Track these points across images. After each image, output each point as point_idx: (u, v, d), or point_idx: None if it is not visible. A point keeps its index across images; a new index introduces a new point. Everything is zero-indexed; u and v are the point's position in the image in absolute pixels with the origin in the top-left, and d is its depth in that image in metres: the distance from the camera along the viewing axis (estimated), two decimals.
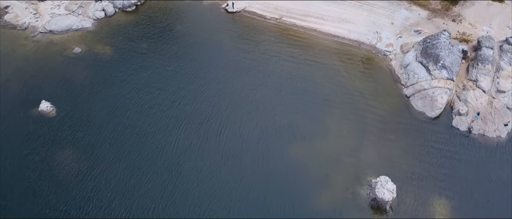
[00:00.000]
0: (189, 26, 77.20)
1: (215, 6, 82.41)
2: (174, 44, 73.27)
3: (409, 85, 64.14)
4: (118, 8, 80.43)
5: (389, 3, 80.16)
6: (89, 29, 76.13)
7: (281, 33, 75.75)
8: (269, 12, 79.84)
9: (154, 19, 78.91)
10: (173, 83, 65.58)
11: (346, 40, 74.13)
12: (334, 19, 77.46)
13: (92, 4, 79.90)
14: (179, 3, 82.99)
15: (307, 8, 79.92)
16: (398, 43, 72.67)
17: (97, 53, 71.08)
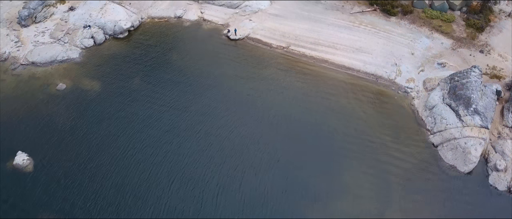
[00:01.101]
0: (187, 57, 67.92)
1: (216, 31, 73.13)
2: (169, 79, 64.04)
3: (436, 132, 54.86)
4: (109, 35, 71.19)
5: (408, 29, 70.74)
6: (76, 60, 66.90)
7: (289, 65, 66.46)
8: (275, 40, 70.52)
9: (148, 48, 69.65)
10: (165, 131, 56.41)
11: (361, 74, 64.79)
12: (348, 49, 68.09)
13: (80, 31, 70.65)
14: (177, 28, 73.74)
15: (317, 35, 70.55)
16: (420, 78, 63.31)
17: (83, 90, 61.91)
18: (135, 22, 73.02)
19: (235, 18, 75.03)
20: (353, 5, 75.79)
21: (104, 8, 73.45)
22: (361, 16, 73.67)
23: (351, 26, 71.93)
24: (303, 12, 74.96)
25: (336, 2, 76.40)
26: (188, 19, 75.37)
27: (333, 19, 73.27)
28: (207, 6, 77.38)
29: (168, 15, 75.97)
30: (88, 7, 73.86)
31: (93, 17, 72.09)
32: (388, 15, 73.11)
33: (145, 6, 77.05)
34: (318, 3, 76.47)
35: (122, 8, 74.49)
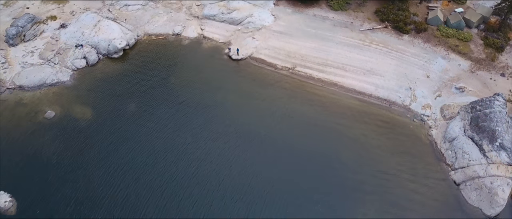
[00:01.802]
0: (186, 79, 62.39)
1: (217, 50, 67.59)
2: (166, 105, 58.53)
3: (458, 168, 49.42)
4: (103, 54, 65.65)
5: (422, 49, 65.16)
6: (67, 83, 61.37)
7: (295, 88, 60.97)
8: (280, 60, 64.96)
9: (145, 69, 64.11)
10: (160, 164, 51.05)
11: (373, 99, 59.27)
12: (358, 70, 62.56)
13: (71, 50, 65.09)
14: (175, 47, 68.20)
15: (325, 55, 64.99)
16: (437, 104, 57.81)
17: (74, 118, 56.44)
18: (130, 40, 67.46)
19: (237, 35, 69.50)
20: (363, 21, 70.22)
21: (97, 25, 67.87)
22: (372, 34, 68.10)
23: (361, 45, 66.36)
24: (309, 29, 69.41)
25: (344, 18, 70.85)
26: (187, 36, 69.86)
27: (341, 37, 67.72)
28: (207, 23, 71.84)
29: (166, 32, 70.46)
30: (80, 24, 68.30)
31: (85, 36, 66.54)
32: (401, 33, 67.55)
33: (142, 22, 71.53)
34: (326, 20, 70.91)
35: (117, 24, 68.93)
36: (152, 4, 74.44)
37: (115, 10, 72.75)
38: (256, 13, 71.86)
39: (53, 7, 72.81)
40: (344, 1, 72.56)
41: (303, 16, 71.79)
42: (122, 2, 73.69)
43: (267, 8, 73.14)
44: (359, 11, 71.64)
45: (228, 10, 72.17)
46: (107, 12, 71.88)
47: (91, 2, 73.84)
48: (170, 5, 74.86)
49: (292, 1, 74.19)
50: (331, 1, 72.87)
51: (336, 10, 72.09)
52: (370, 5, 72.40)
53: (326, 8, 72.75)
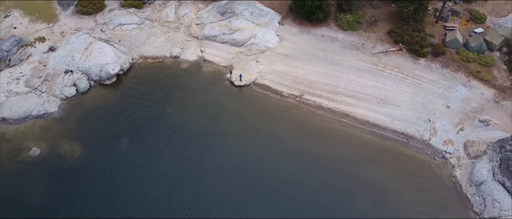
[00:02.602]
0: (184, 109, 56.54)
1: (218, 75, 61.66)
2: (162, 140, 52.67)
3: (487, 218, 43.45)
4: (94, 81, 59.72)
5: (440, 75, 59.18)
6: (54, 115, 55.48)
7: (303, 120, 55.08)
8: (286, 87, 58.99)
9: (140, 97, 58.20)
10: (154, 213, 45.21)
11: (389, 133, 53.36)
12: (371, 99, 56.61)
13: (60, 77, 59.15)
14: (173, 71, 62.29)
15: (335, 81, 59.03)
16: (460, 139, 51.89)
17: (60, 157, 50.61)
18: (125, 64, 61.51)
19: (240, 58, 63.50)
20: (375, 43, 64.17)
21: (89, 49, 61.91)
22: (385, 57, 62.10)
23: (374, 69, 60.37)
24: (317, 51, 63.40)
25: (355, 39, 64.81)
26: (186, 59, 63.91)
27: (352, 61, 61.72)
28: (207, 44, 65.83)
29: (163, 55, 64.49)
30: (70, 47, 62.32)
31: (76, 60, 60.57)
32: (417, 56, 61.56)
33: (137, 43, 65.55)
34: (335, 41, 64.89)
35: (110, 47, 62.94)
36: (149, 23, 68.46)
37: (108, 30, 66.77)
38: (260, 34, 65.87)
39: (42, 27, 66.86)
40: (355, 20, 66.44)
41: (311, 36, 65.77)
42: (116, 21, 67.69)
43: (271, 28, 67.13)
44: (371, 31, 65.61)
45: (230, 30, 66.18)
46: (99, 33, 65.90)
47: (83, 21, 67.90)
48: (167, 24, 68.88)
49: (298, 20, 68.18)
50: (340, 21, 66.82)
51: (346, 30, 66.08)
52: (383, 25, 66.36)
53: (335, 28, 66.71)
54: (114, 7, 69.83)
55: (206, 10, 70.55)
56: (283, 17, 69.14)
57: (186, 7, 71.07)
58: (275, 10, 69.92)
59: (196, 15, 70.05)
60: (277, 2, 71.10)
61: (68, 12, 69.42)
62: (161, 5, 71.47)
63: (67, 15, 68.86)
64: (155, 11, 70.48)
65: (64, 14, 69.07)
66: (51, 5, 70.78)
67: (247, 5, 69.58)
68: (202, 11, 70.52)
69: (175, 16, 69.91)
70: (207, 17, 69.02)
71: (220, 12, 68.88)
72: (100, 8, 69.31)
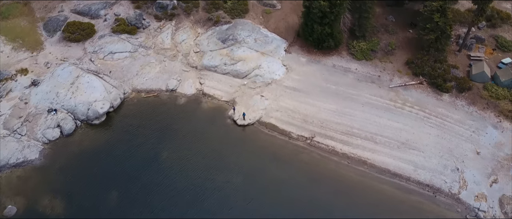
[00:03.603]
0: (181, 153, 49.74)
1: (219, 112, 54.73)
2: (155, 193, 45.85)
3: None
4: (81, 120, 52.72)
5: (467, 114, 52.29)
6: (35, 162, 48.58)
7: (315, 167, 48.29)
8: (295, 126, 52.07)
9: (132, 140, 51.25)
10: None
11: (413, 184, 46.52)
12: (391, 143, 49.72)
13: (43, 117, 52.16)
14: (169, 108, 55.37)
15: (349, 120, 52.12)
16: (494, 193, 45.07)
17: (40, 215, 43.61)
18: (115, 100, 54.56)
19: (243, 92, 56.55)
20: (392, 75, 57.22)
21: (75, 83, 54.92)
22: (404, 92, 55.17)
23: (392, 107, 53.45)
24: (329, 84, 56.47)
25: (370, 71, 57.87)
26: (184, 93, 56.96)
27: (368, 96, 54.80)
28: (207, 75, 58.85)
29: (158, 88, 57.52)
30: (55, 81, 55.32)
31: (61, 97, 53.60)
32: (439, 92, 54.66)
33: (130, 74, 58.56)
34: (347, 72, 57.95)
35: (100, 80, 55.96)
36: (143, 51, 61.39)
37: (98, 59, 59.73)
38: (264, 64, 58.87)
39: (25, 56, 59.81)
40: (369, 48, 59.44)
41: (321, 67, 58.79)
42: (106, 49, 60.66)
43: (277, 57, 60.12)
44: (387, 61, 58.63)
45: (232, 60, 59.15)
46: (88, 63, 58.87)
47: (70, 49, 60.88)
48: (163, 51, 61.83)
49: (307, 48, 61.17)
50: (353, 49, 59.81)
51: (360, 59, 59.09)
52: (400, 54, 59.39)
53: (347, 57, 59.72)
54: (104, 33, 62.79)
55: (205, 35, 63.53)
56: (290, 44, 62.16)
57: (184, 32, 64.04)
58: (281, 36, 62.94)
59: (195, 42, 63.04)
60: (283, 27, 64.15)
61: (54, 38, 62.39)
62: (157, 29, 64.43)
63: (53, 42, 61.81)
64: (149, 37, 63.44)
65: (50, 41, 62.01)
66: (36, 30, 63.72)
67: (251, 30, 62.58)
68: (202, 37, 63.49)
69: (172, 43, 62.89)
70: (207, 44, 62.00)
71: (221, 39, 61.86)
72: (90, 35, 62.27)
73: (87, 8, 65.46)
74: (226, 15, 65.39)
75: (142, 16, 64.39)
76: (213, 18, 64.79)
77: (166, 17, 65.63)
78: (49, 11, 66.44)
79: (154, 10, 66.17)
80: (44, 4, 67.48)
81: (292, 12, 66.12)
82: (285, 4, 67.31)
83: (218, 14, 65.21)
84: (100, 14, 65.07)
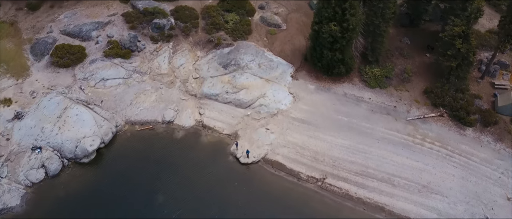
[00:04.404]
0: (178, 197, 44.26)
1: (220, 147, 49.30)
2: None
3: None
4: (69, 159, 47.22)
5: (494, 151, 46.92)
6: (16, 210, 43.18)
7: (326, 215, 42.60)
8: (304, 165, 46.62)
9: (124, 181, 45.79)
10: None
11: None
12: (411, 186, 44.28)
13: (26, 156, 46.63)
14: (166, 143, 49.93)
15: (364, 159, 46.68)
16: None
17: None
18: (107, 135, 49.06)
19: (246, 123, 51.09)
20: (410, 105, 51.71)
21: (63, 117, 49.42)
22: (423, 125, 49.70)
23: (410, 143, 47.98)
24: (340, 116, 50.99)
25: (384, 100, 52.43)
26: (182, 125, 51.48)
27: (383, 130, 49.35)
28: (207, 104, 53.36)
29: (153, 119, 52.02)
30: (41, 114, 49.80)
31: (46, 133, 48.08)
32: (462, 125, 49.23)
33: (123, 104, 53.05)
34: (360, 102, 52.47)
35: (90, 112, 50.47)
36: (137, 77, 55.87)
37: (88, 87, 54.24)
38: (269, 92, 53.39)
39: (9, 83, 54.30)
40: (383, 75, 53.93)
41: (331, 95, 53.30)
42: (98, 76, 55.14)
43: (283, 84, 54.63)
44: (403, 90, 53.15)
45: (234, 88, 53.65)
46: (77, 92, 53.36)
47: (59, 76, 55.38)
48: (160, 77, 56.32)
49: (315, 73, 55.73)
50: (365, 75, 54.32)
51: (373, 87, 53.59)
52: (417, 81, 53.93)
53: (359, 84, 54.23)
54: (96, 57, 57.23)
55: (205, 59, 57.99)
56: (297, 69, 56.66)
57: (182, 56, 58.49)
58: (287, 60, 57.44)
59: (194, 66, 57.53)
60: (289, 49, 58.64)
61: (42, 63, 56.85)
62: (153, 52, 58.87)
63: (41, 68, 56.25)
64: (145, 61, 57.88)
65: (37, 66, 56.46)
66: (22, 53, 58.17)
67: (254, 54, 57.05)
68: (201, 61, 57.98)
69: (169, 68, 57.37)
70: (207, 70, 56.47)
71: (222, 64, 56.33)
72: (80, 59, 56.72)
73: (77, 29, 59.88)
74: (228, 36, 59.86)
75: (137, 38, 58.84)
76: (214, 40, 59.26)
77: (163, 39, 60.07)
78: (37, 32, 60.91)
79: (150, 30, 60.59)
80: (32, 24, 61.99)
81: (298, 33, 60.63)
82: (291, 24, 61.83)
83: (219, 36, 59.67)
84: (92, 36, 59.50)
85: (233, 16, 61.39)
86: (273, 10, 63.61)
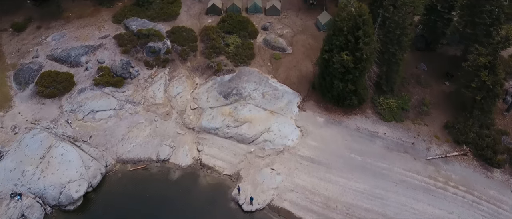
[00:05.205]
0: None
1: (220, 191, 44.08)
2: None
3: None
4: (52, 206, 41.79)
5: None
6: None
7: None
8: (315, 213, 41.53)
9: None
10: None
11: None
12: None
13: (4, 204, 41.27)
14: (160, 185, 44.65)
15: (382, 206, 41.44)
16: None
17: None
18: (95, 178, 43.82)
19: (249, 161, 45.73)
20: (429, 141, 46.30)
21: (46, 157, 44.01)
22: (445, 166, 44.32)
23: (432, 186, 42.62)
24: (353, 154, 45.57)
25: (401, 136, 47.07)
26: (178, 164, 46.13)
27: (401, 172, 43.95)
28: (206, 139, 47.94)
29: (147, 157, 46.65)
30: (22, 154, 44.36)
31: (27, 177, 42.69)
32: (489, 166, 43.83)
33: (113, 140, 47.63)
34: (375, 137, 47.05)
35: (77, 151, 45.10)
36: (130, 108, 50.46)
37: (76, 120, 48.80)
38: (274, 126, 47.97)
39: None
40: (398, 107, 48.50)
41: (342, 130, 47.85)
42: (87, 107, 49.72)
43: (289, 116, 49.20)
44: (422, 124, 47.75)
45: (236, 122, 48.20)
46: (64, 126, 47.95)
47: (44, 108, 50.04)
48: (155, 108, 50.91)
49: (324, 104, 50.39)
50: (379, 106, 48.90)
51: (388, 120, 48.18)
52: (436, 114, 48.53)
53: (373, 117, 48.81)
54: (85, 85, 51.80)
55: (205, 87, 52.58)
56: (304, 99, 51.28)
57: (179, 83, 53.07)
58: (293, 88, 52.04)
59: (192, 95, 52.10)
60: (295, 76, 53.35)
61: (26, 93, 51.42)
62: (147, 80, 53.44)
63: (24, 98, 50.81)
64: (138, 89, 52.45)
65: (20, 96, 51.04)
66: (5, 81, 52.78)
67: (257, 82, 51.64)
68: (200, 89, 52.55)
69: (165, 97, 51.95)
70: (206, 99, 51.04)
71: (222, 94, 50.89)
72: (67, 88, 51.31)
73: (65, 54, 54.44)
74: (229, 61, 54.46)
75: (129, 64, 53.42)
76: (214, 65, 53.87)
77: (158, 64, 54.66)
78: (22, 56, 55.51)
79: (145, 55, 55.16)
80: (17, 47, 56.60)
81: (305, 57, 55.24)
82: (297, 47, 56.44)
83: (219, 61, 54.27)
84: (81, 61, 54.07)
85: (234, 39, 55.96)
86: (277, 32, 58.14)
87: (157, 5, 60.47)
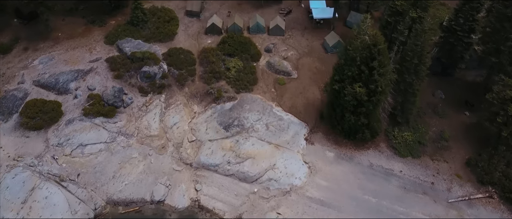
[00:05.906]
0: None
1: None
2: None
3: None
4: None
5: None
6: None
7: None
8: None
9: None
10: None
11: None
12: None
13: None
14: None
15: None
16: None
17: None
18: None
19: (252, 204, 41.15)
20: (450, 181, 41.61)
21: (29, 201, 39.54)
22: (469, 210, 39.77)
23: None
24: (366, 196, 40.96)
25: (419, 174, 42.53)
26: (174, 206, 41.67)
27: (420, 216, 39.57)
28: (205, 177, 43.27)
29: (140, 198, 42.09)
30: (2, 198, 40.00)
31: None
32: None
33: (104, 178, 43.03)
34: (390, 176, 42.35)
35: (63, 192, 40.67)
36: (122, 141, 45.76)
37: (63, 156, 44.13)
38: (280, 162, 43.31)
39: None
40: (415, 140, 43.81)
41: (354, 167, 43.16)
42: (75, 141, 45.06)
43: (296, 150, 44.53)
44: (441, 160, 43.09)
45: (238, 158, 43.52)
46: (49, 163, 43.28)
47: (28, 141, 45.31)
48: (149, 140, 46.21)
49: (334, 136, 45.69)
50: (394, 139, 44.26)
51: (404, 156, 43.55)
52: (457, 148, 43.86)
53: (388, 152, 44.13)
54: (74, 116, 47.10)
55: (203, 117, 47.89)
56: (312, 130, 46.60)
57: (176, 112, 48.38)
58: (299, 117, 47.42)
59: (190, 126, 47.43)
60: (301, 104, 48.68)
61: (9, 124, 46.73)
62: (141, 108, 48.74)
63: (7, 130, 46.09)
64: (132, 119, 47.73)
65: (3, 128, 46.35)
66: None
67: (261, 111, 46.99)
68: (199, 119, 47.88)
69: (160, 127, 47.24)
70: (205, 131, 46.37)
71: (223, 124, 46.22)
72: (54, 119, 46.58)
73: (53, 80, 49.74)
74: (229, 87, 49.79)
75: (122, 91, 48.73)
76: (213, 92, 49.21)
77: (153, 90, 50.00)
78: (7, 81, 50.81)
79: (139, 80, 50.46)
80: (1, 71, 52.11)
81: (312, 82, 50.57)
82: (303, 71, 51.79)
83: (220, 87, 49.60)
84: (70, 88, 49.38)
85: (235, 62, 51.28)
86: (282, 54, 53.44)
87: (153, 24, 55.74)
